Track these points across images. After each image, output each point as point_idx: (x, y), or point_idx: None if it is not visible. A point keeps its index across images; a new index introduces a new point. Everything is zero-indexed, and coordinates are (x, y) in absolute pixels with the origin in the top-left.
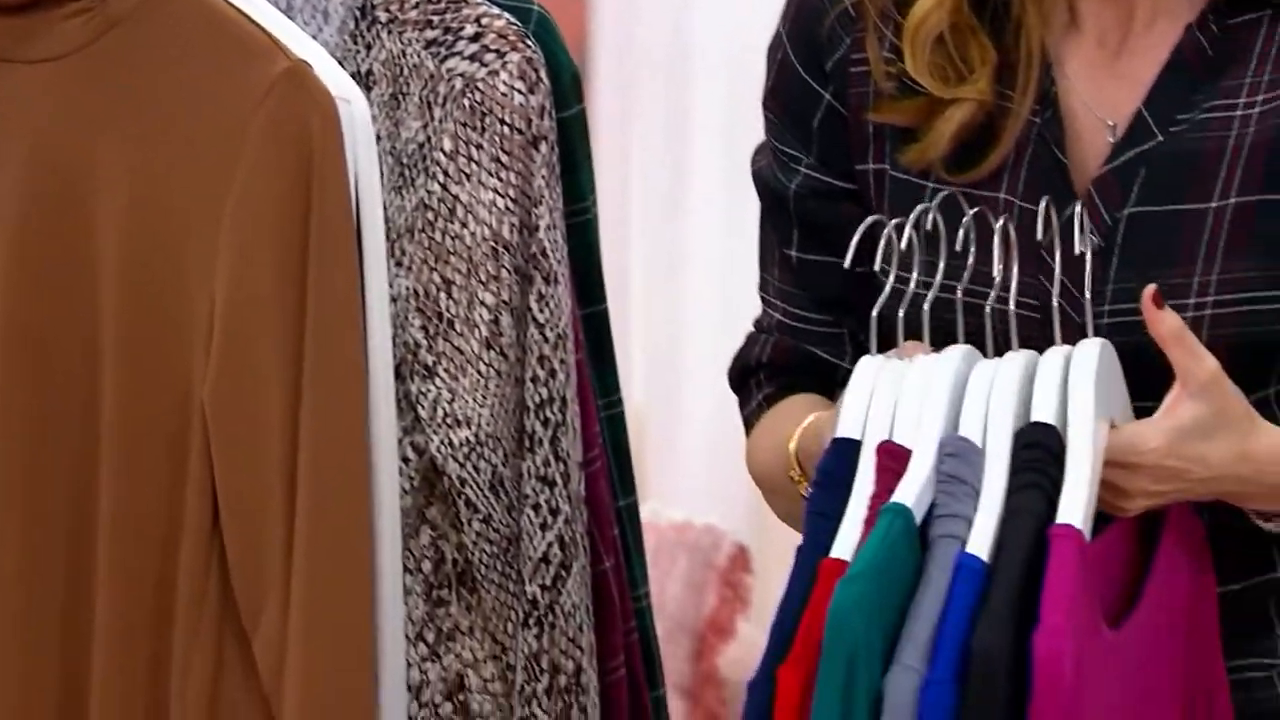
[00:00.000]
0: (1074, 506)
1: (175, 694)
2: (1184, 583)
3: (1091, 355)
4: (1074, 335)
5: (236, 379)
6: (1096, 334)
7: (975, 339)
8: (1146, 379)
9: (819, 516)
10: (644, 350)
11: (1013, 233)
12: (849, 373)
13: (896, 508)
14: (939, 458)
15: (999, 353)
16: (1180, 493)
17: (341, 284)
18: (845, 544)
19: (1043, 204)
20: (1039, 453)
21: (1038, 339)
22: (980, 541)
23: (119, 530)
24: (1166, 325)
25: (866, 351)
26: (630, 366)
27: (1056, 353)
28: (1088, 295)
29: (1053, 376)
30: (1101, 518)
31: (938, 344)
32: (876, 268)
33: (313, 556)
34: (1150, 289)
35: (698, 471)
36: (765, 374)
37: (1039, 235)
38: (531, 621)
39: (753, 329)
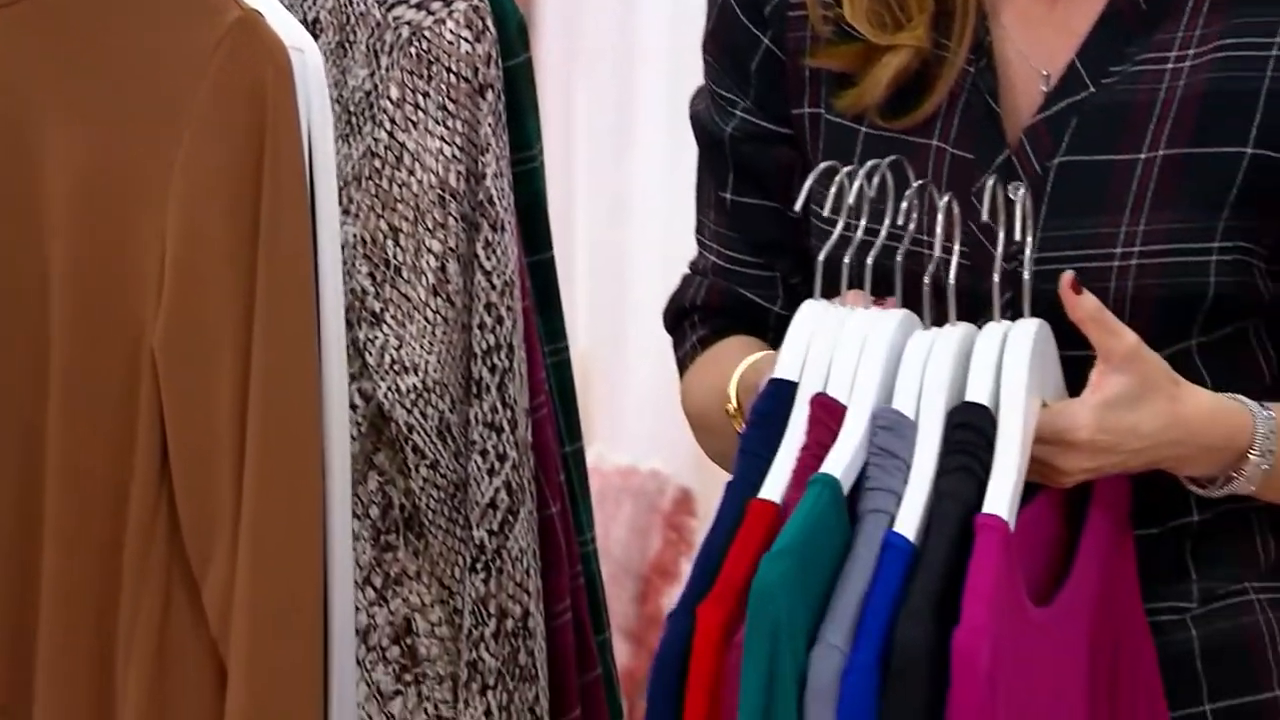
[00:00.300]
0: (1001, 496)
1: (122, 641)
2: (1107, 549)
3: (1027, 336)
4: (1007, 285)
5: (188, 329)
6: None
7: (912, 282)
8: (1074, 328)
9: (750, 455)
10: (588, 296)
11: (956, 208)
12: (780, 317)
13: (826, 479)
14: (872, 429)
15: (936, 303)
16: (1116, 466)
17: (293, 235)
18: (774, 486)
19: (989, 183)
20: (971, 434)
21: (970, 290)
22: (908, 521)
23: (67, 478)
24: (1084, 308)
25: (799, 296)
26: (574, 312)
27: (994, 330)
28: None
29: (989, 356)
30: (1031, 486)
31: (879, 291)
32: (826, 213)
33: (262, 504)
34: (1067, 275)
35: (642, 416)
36: (699, 316)
37: (984, 214)
38: (479, 566)
39: (688, 271)
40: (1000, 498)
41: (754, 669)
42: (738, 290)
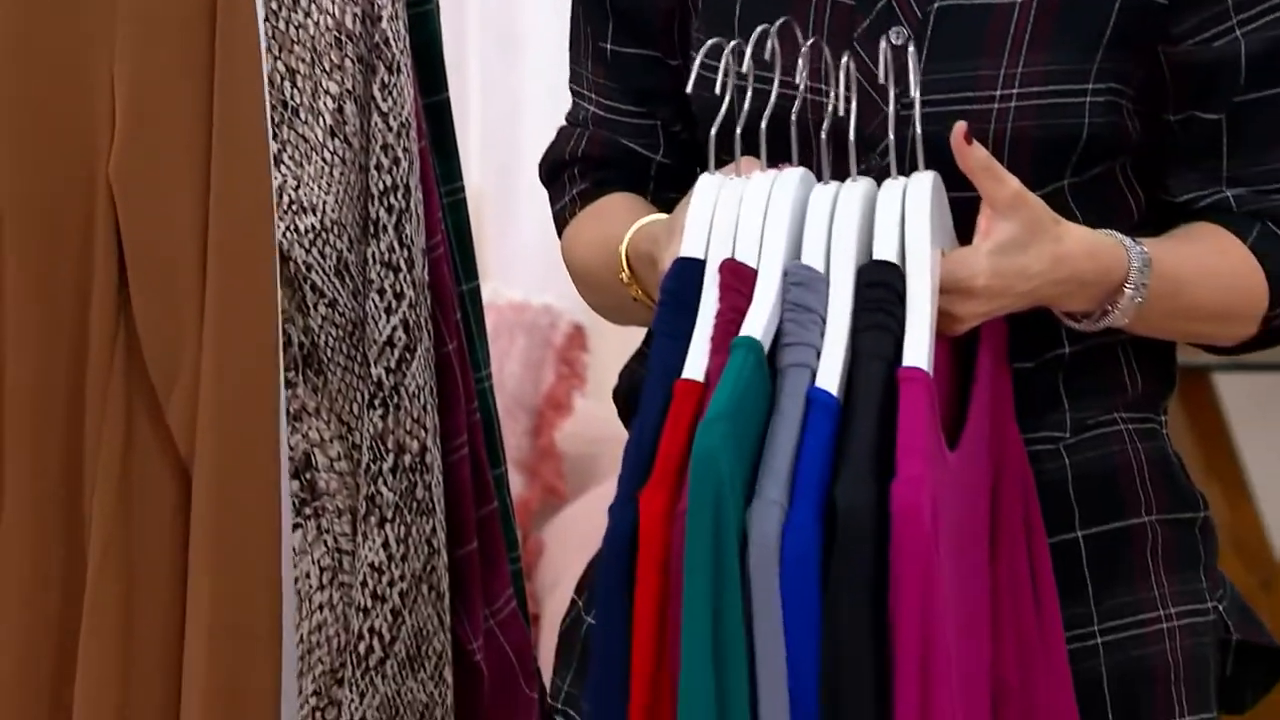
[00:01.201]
0: (918, 348)
1: (88, 468)
2: (994, 388)
3: (924, 191)
4: (900, 127)
5: (144, 155)
6: (911, 124)
7: (806, 144)
8: (957, 168)
9: (667, 338)
10: (481, 132)
11: (854, 68)
12: (661, 166)
13: (747, 342)
14: (785, 285)
15: (834, 158)
16: (1006, 308)
17: (246, 61)
18: (695, 365)
19: (883, 44)
20: (883, 292)
21: (860, 139)
22: (829, 376)
23: (24, 309)
24: (975, 158)
25: (680, 144)
26: (467, 148)
27: (893, 186)
28: (891, 91)
29: (891, 212)
30: None
31: (774, 159)
32: (717, 90)
33: (225, 324)
34: (960, 126)
35: (535, 252)
36: (579, 168)
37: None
38: (377, 403)
39: (564, 124)
40: (918, 350)
41: (701, 531)
42: (619, 140)
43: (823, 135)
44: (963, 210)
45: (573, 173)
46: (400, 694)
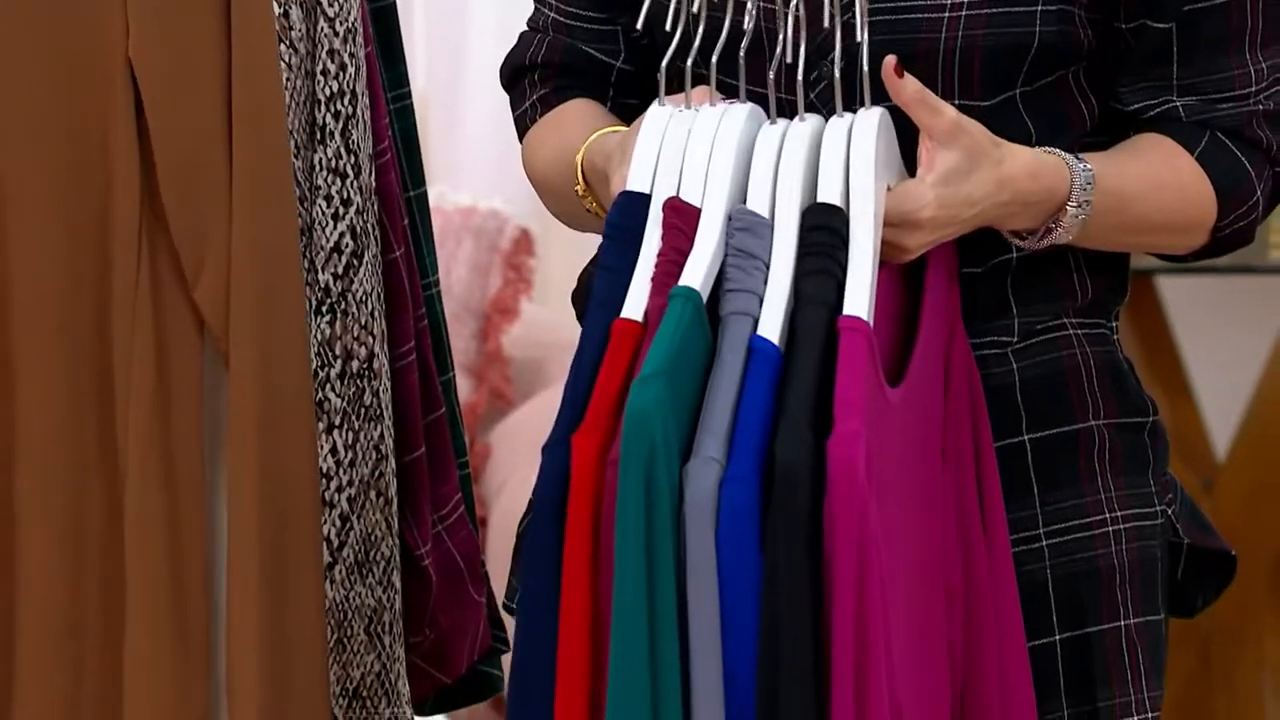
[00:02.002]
0: (859, 296)
1: (120, 370)
2: (946, 305)
3: (870, 131)
4: (848, 37)
5: (164, 33)
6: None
7: (756, 76)
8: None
9: (608, 271)
10: (426, 35)
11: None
12: (622, 73)
13: (686, 293)
14: (729, 230)
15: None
16: (952, 234)
17: None
18: (635, 304)
19: None
20: (826, 235)
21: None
22: (771, 323)
23: (41, 195)
24: (907, 91)
25: (640, 50)
26: (413, 53)
27: (839, 127)
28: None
29: (836, 154)
30: None
31: (728, 60)
32: (668, 28)
33: (254, 200)
34: (890, 59)
35: (482, 156)
36: (540, 74)
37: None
38: (324, 309)
39: (526, 29)
40: (859, 298)
41: (632, 493)
42: (579, 46)
43: (779, 47)
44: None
45: (533, 79)
46: (349, 599)
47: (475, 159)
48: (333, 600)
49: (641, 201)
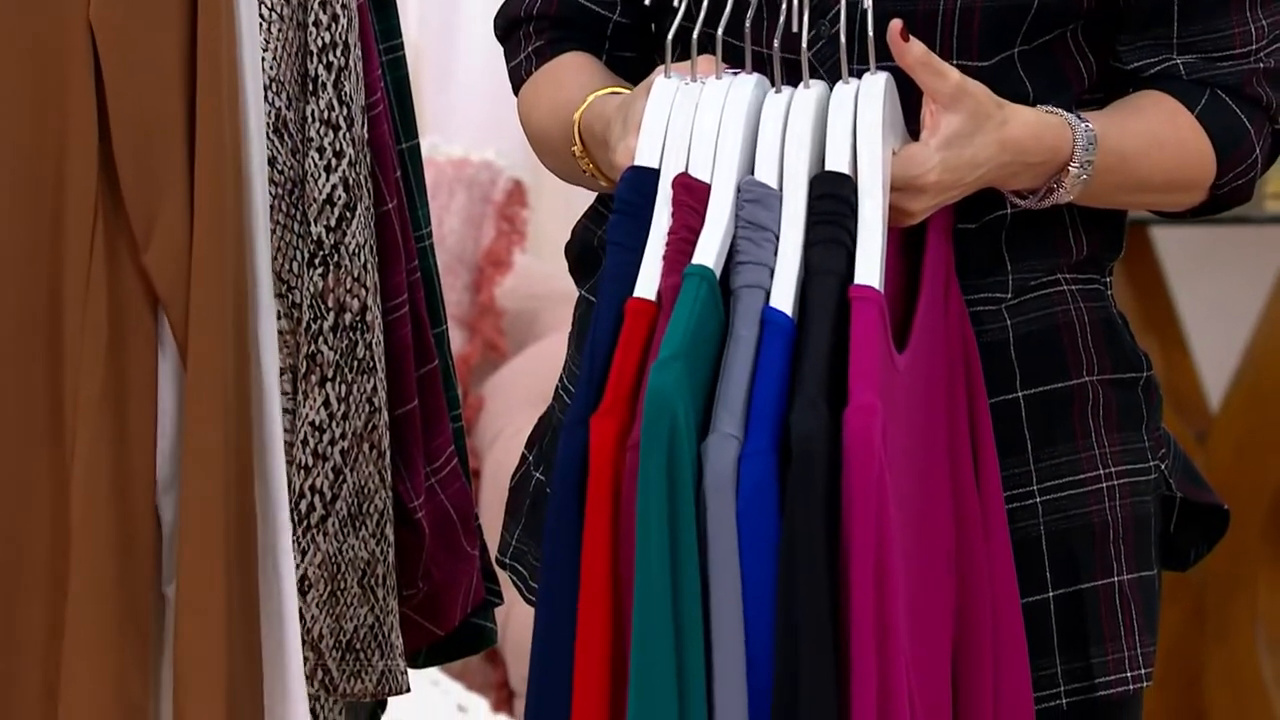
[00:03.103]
0: (870, 264)
1: (70, 323)
2: (945, 266)
3: (877, 97)
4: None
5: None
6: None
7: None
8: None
9: (619, 248)
10: None
11: None
12: (618, 26)
13: (700, 271)
14: (738, 202)
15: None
16: (955, 197)
17: None
18: (648, 281)
19: None
20: (834, 204)
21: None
22: (783, 294)
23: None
24: (913, 54)
25: (637, 5)
26: (405, 2)
27: (845, 94)
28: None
29: (843, 120)
30: None
31: (733, 22)
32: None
33: (210, 168)
34: (896, 23)
35: (475, 107)
36: (535, 26)
37: None
38: (317, 261)
39: None
40: (870, 267)
41: (654, 477)
42: None
43: (782, 14)
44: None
45: (528, 30)
46: (341, 551)
47: (468, 110)
48: (325, 553)
49: (651, 176)
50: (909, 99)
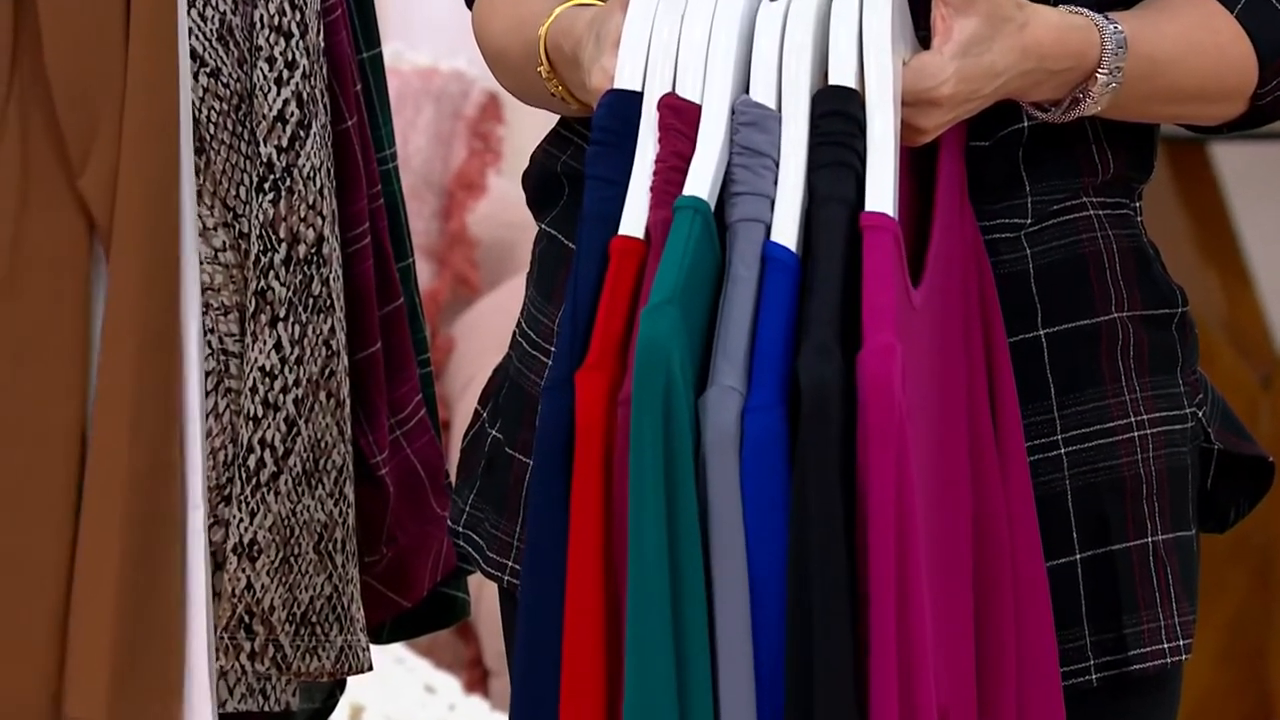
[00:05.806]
0: (883, 190)
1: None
2: (958, 189)
3: (885, 0)
4: None
5: None
6: None
7: None
8: None
9: (601, 181)
10: None
11: None
12: None
13: (693, 203)
14: (733, 126)
15: None
16: (972, 110)
17: None
18: (634, 218)
19: None
20: (841, 122)
21: None
22: (785, 227)
23: None
24: None
25: None
26: None
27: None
28: None
29: (848, 30)
30: None
31: None
32: None
33: (145, 91)
34: None
35: (443, 10)
36: None
37: None
38: (267, 186)
39: None
40: (883, 192)
41: (649, 435)
42: None
43: None
44: None
45: None
46: (295, 513)
47: (435, 14)
48: (277, 515)
49: (633, 100)
50: (916, 2)
